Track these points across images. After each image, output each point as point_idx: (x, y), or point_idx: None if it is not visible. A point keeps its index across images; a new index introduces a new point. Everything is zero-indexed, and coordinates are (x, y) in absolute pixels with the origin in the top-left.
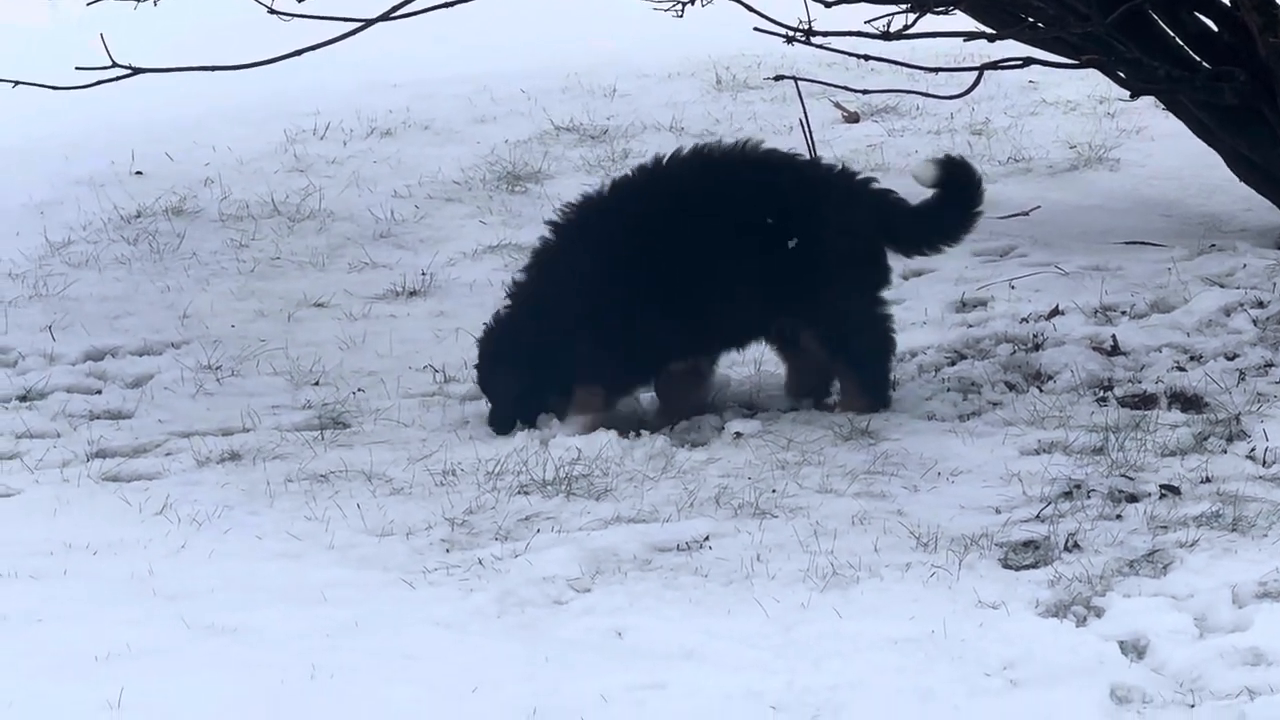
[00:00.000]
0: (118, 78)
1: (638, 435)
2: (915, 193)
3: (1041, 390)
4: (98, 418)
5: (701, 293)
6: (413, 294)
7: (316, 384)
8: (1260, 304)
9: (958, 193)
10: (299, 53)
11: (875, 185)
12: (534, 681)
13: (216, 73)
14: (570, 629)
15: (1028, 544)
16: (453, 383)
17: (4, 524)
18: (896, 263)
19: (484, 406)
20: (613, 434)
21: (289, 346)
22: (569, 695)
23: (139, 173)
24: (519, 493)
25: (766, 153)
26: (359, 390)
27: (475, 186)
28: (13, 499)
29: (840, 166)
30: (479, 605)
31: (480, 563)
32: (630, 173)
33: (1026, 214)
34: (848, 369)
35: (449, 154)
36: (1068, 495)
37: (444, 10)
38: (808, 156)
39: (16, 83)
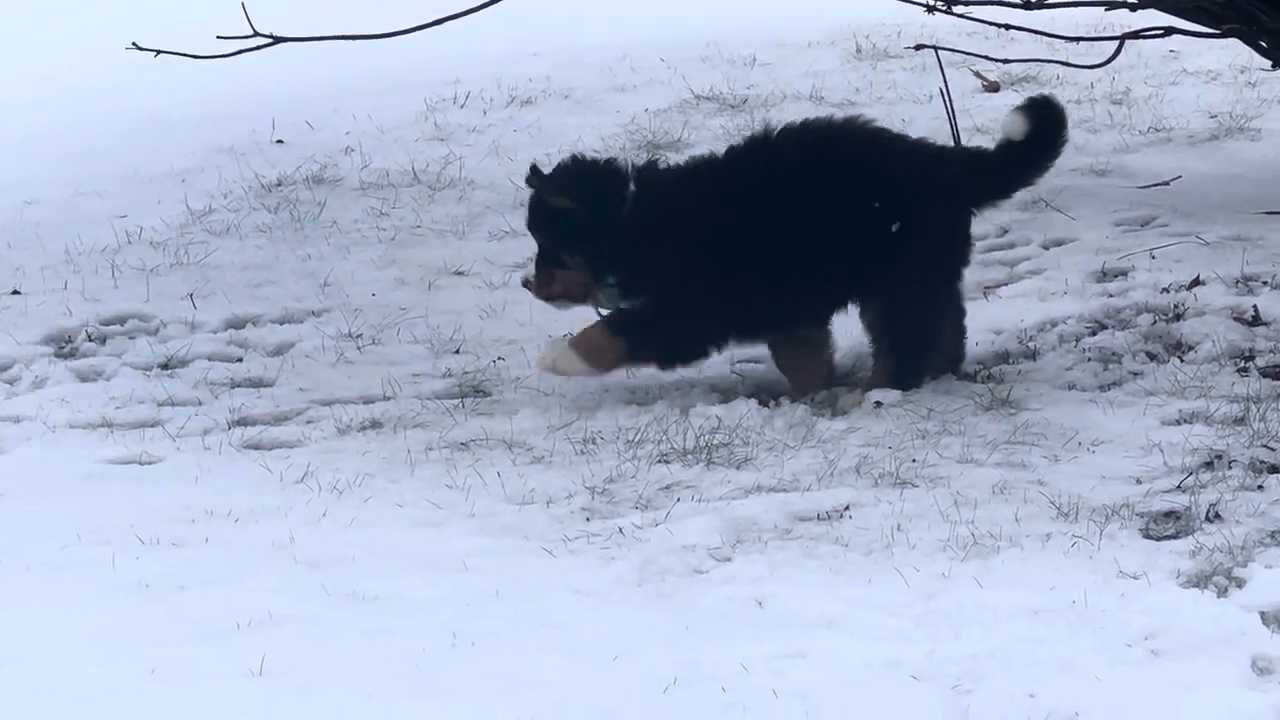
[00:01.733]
0: (259, 46)
1: (777, 404)
2: None
3: (1182, 360)
4: (239, 385)
5: (778, 265)
6: None
7: (457, 352)
8: None
9: (1045, 128)
10: (440, 21)
11: (962, 152)
12: (674, 650)
13: (357, 41)
14: (711, 598)
15: (1169, 514)
16: None
17: (146, 491)
18: (1035, 232)
19: (625, 377)
20: (753, 403)
21: (429, 315)
22: (709, 664)
23: (280, 141)
24: (659, 461)
25: (863, 128)
26: (499, 359)
27: (617, 155)
28: (155, 466)
29: (928, 143)
30: (620, 574)
31: (621, 531)
32: (741, 141)
33: (1167, 184)
34: (891, 351)
35: (589, 123)
36: (1209, 466)
37: None
38: (900, 132)
39: (159, 52)
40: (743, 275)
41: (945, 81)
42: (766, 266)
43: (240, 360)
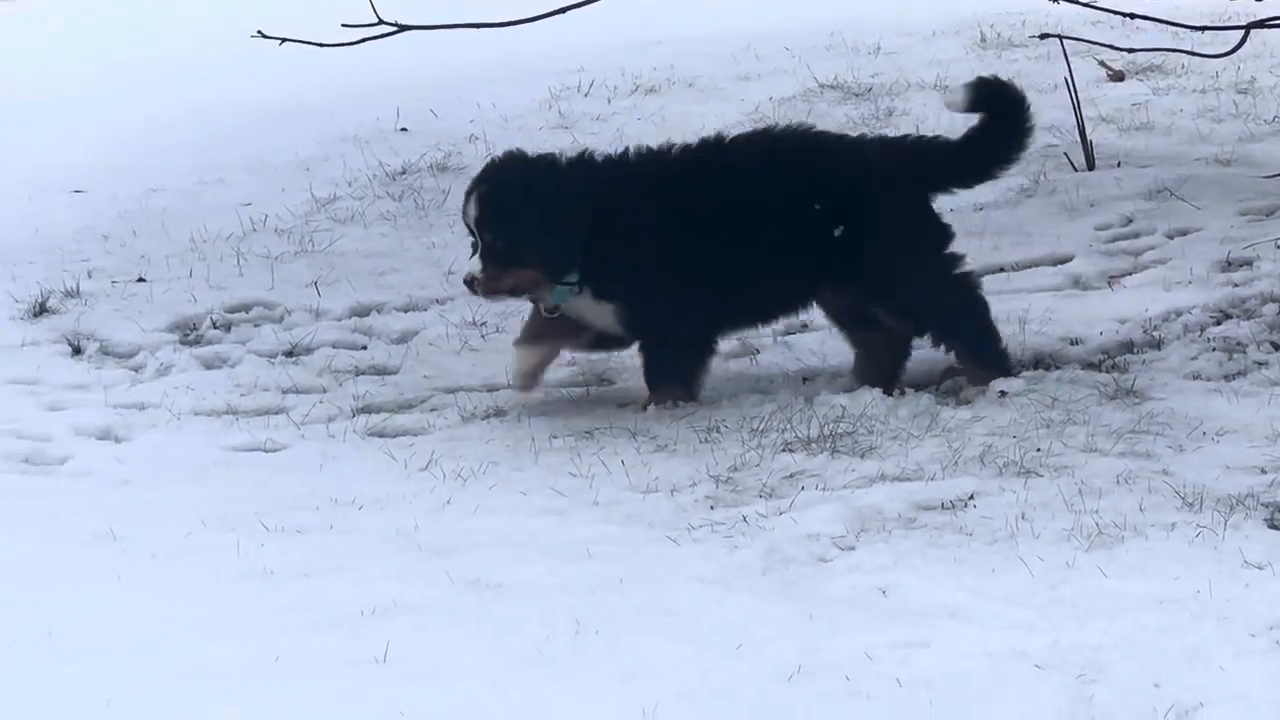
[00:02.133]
0: (384, 34)
1: (902, 393)
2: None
3: None
4: (363, 373)
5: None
6: None
7: None
8: None
9: (1000, 113)
10: (564, 10)
11: (913, 141)
12: (798, 639)
13: (482, 29)
14: (834, 586)
15: None
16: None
17: (271, 479)
18: (1160, 221)
19: (735, 366)
20: (877, 392)
21: None
22: (833, 652)
23: (404, 129)
24: (783, 450)
25: (808, 133)
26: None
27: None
28: (279, 454)
29: (876, 138)
30: (743, 562)
31: (745, 520)
32: (696, 142)
33: None
34: (950, 341)
35: (713, 111)
36: None
37: None
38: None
39: (284, 39)
40: (719, 262)
41: (1070, 71)
42: (736, 255)
43: (364, 348)
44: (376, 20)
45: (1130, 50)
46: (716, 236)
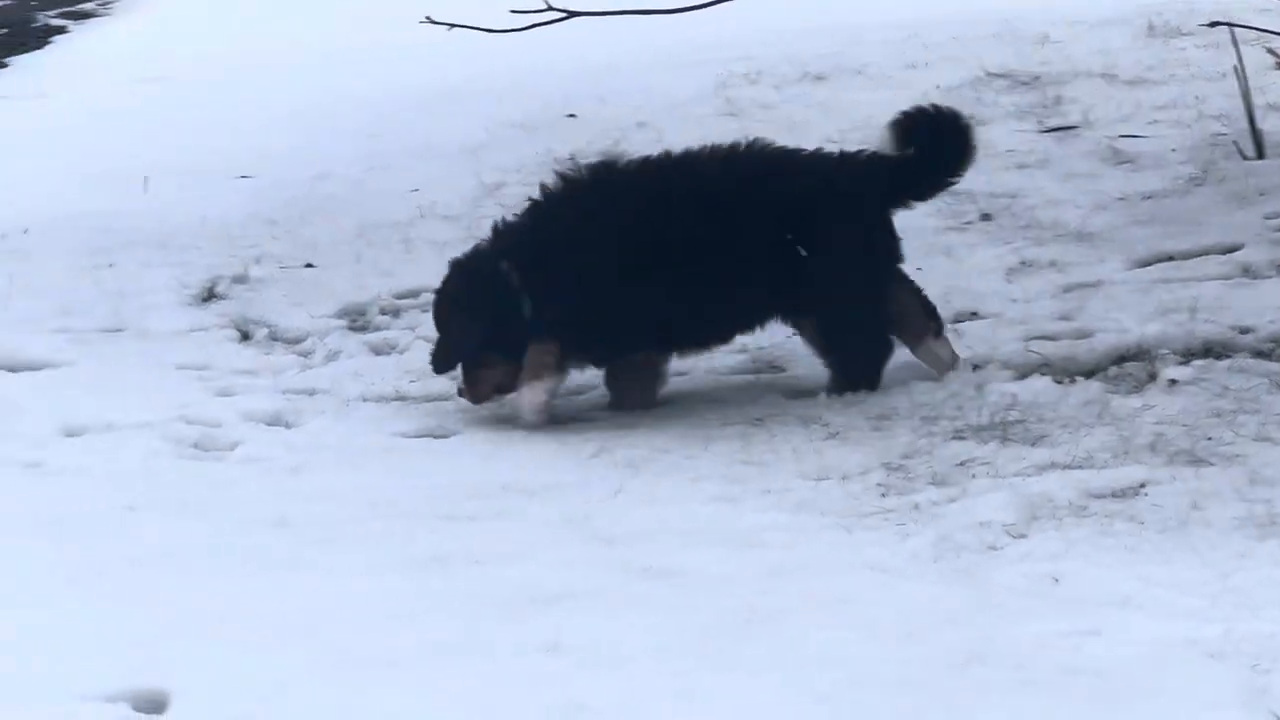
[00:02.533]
0: (552, 20)
1: (1072, 381)
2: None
3: None
4: None
5: (686, 284)
6: None
7: None
8: None
9: (939, 139)
10: None
11: (871, 158)
12: (970, 626)
13: (650, 16)
14: (1006, 574)
15: None
16: None
17: (440, 465)
18: None
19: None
20: (1047, 380)
21: None
22: (1005, 640)
23: (572, 115)
24: (954, 438)
25: (764, 149)
26: (793, 334)
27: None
28: (449, 440)
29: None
30: (915, 550)
31: (916, 507)
32: (636, 158)
33: None
34: (832, 355)
35: (880, 99)
36: None
37: None
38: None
39: (452, 25)
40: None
41: (1240, 59)
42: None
43: None
44: (545, 6)
45: None
46: (666, 255)
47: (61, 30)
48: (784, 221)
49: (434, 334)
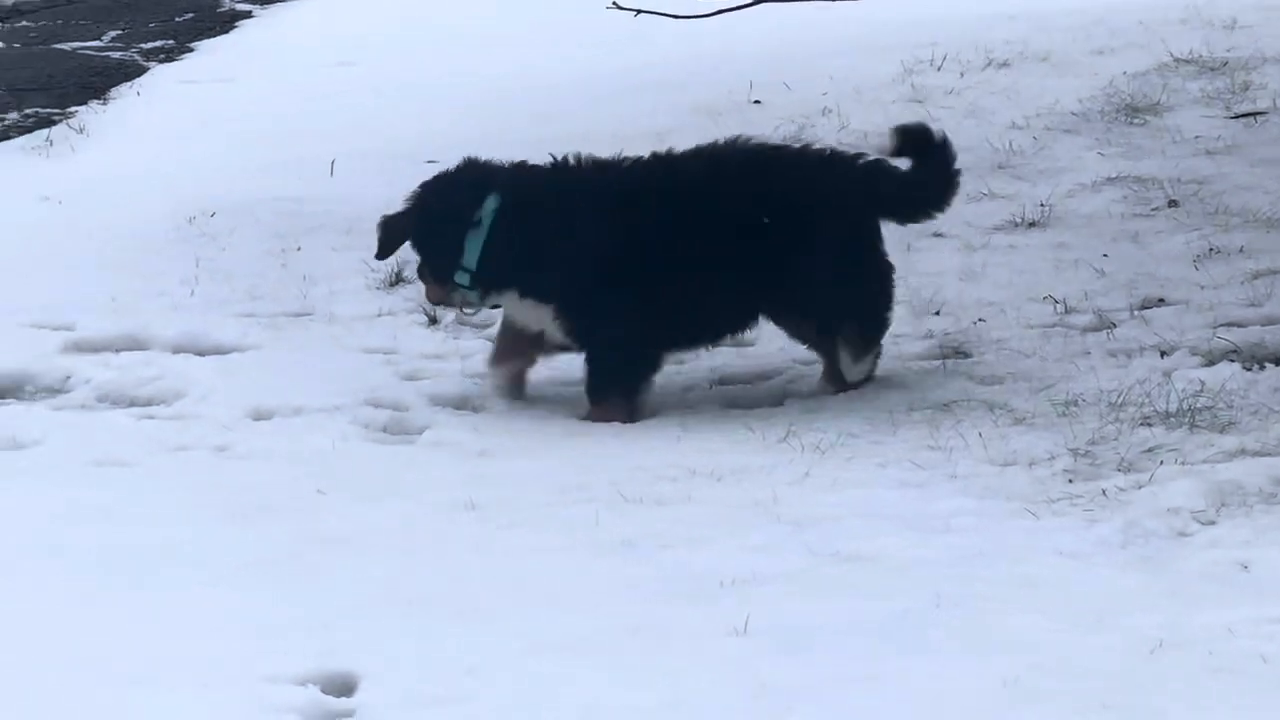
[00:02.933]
0: (739, 7)
1: (1261, 368)
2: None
3: None
4: (722, 345)
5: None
6: (1031, 225)
7: (937, 314)
8: None
9: (928, 159)
10: None
11: (865, 162)
12: (1159, 613)
13: (836, 2)
14: (1194, 561)
15: None
16: (1073, 314)
17: (628, 449)
18: None
19: (1091, 339)
20: (1236, 366)
21: (909, 276)
22: (1194, 628)
23: (757, 101)
24: (1141, 424)
25: (756, 147)
26: (979, 320)
27: (1093, 118)
28: (636, 425)
29: (828, 151)
30: (1103, 536)
31: (1104, 493)
32: (650, 155)
33: None
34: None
35: (1066, 86)
36: None
37: None
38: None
39: (638, 11)
40: (656, 274)
41: None
42: (673, 268)
43: None
44: None
45: None
46: (655, 248)
47: (247, 15)
48: (766, 220)
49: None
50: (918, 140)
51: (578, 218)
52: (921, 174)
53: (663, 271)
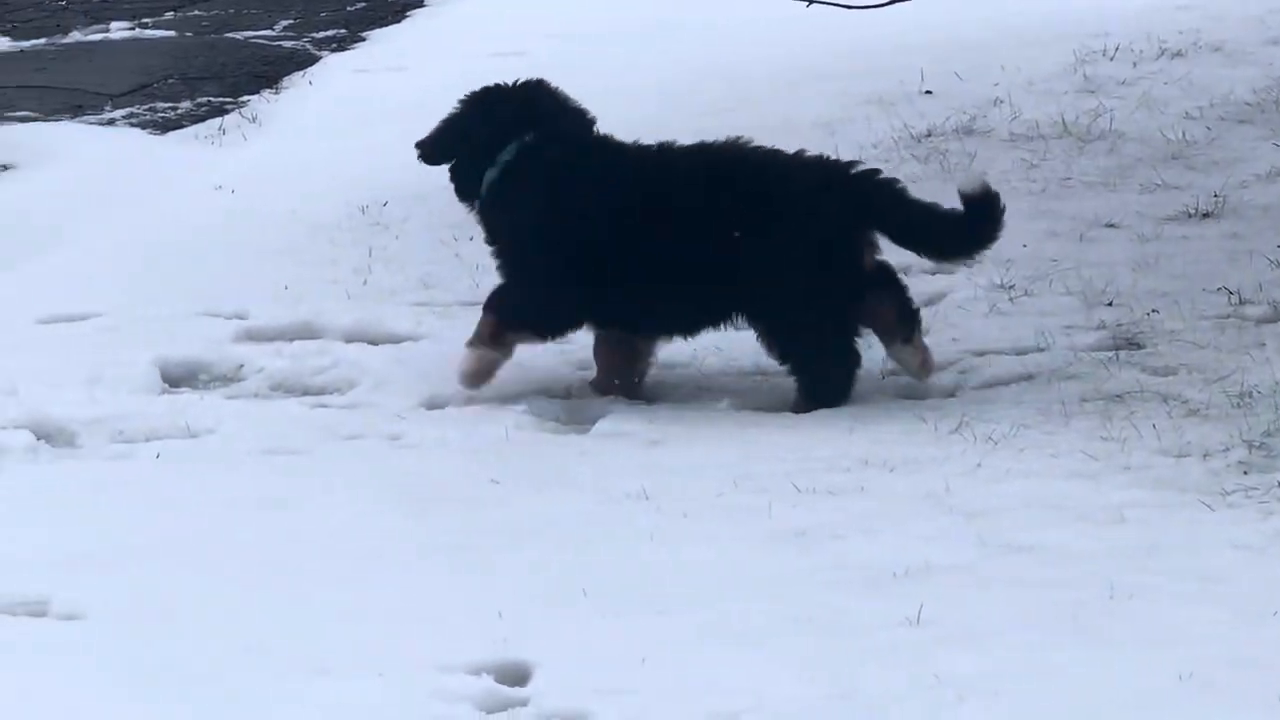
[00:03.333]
0: None
1: None
2: None
3: None
4: None
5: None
6: (1205, 216)
7: (1109, 304)
8: None
9: (975, 212)
10: None
11: (861, 174)
12: None
13: None
14: None
15: None
16: (1248, 305)
17: (800, 439)
18: None
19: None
20: None
21: (1080, 266)
22: None
23: (928, 92)
24: None
25: (742, 148)
26: (1153, 311)
27: (1269, 109)
28: (808, 415)
29: (820, 159)
30: (1278, 529)
31: (1279, 485)
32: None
33: None
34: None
35: (1241, 75)
36: None
37: None
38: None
39: (811, 1)
40: (593, 260)
41: None
42: (622, 258)
43: None
44: None
45: None
46: (618, 236)
47: (419, 3)
48: (737, 220)
49: None
50: (974, 196)
51: (561, 191)
52: (958, 216)
53: (615, 255)
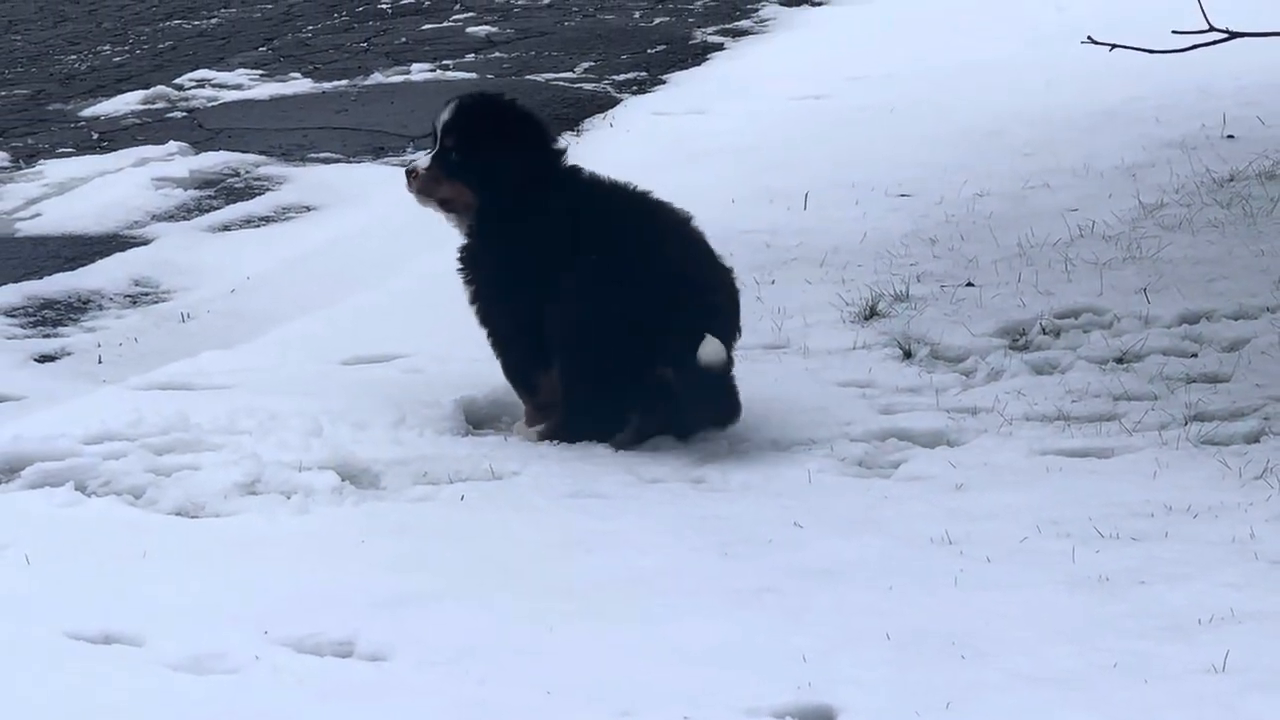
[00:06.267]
0: (1214, 41)
1: None
2: None
3: None
4: (1194, 381)
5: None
6: None
7: None
8: None
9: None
10: None
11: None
12: None
13: None
14: None
15: None
16: None
17: (1103, 485)
18: None
19: None
20: None
21: None
22: None
23: (1230, 136)
24: None
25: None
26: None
27: None
28: (1110, 460)
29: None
30: None
31: None
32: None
33: None
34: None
35: None
36: None
37: None
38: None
39: (1113, 46)
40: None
41: None
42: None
43: (1195, 355)
44: (1208, 27)
45: None
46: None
47: (719, 47)
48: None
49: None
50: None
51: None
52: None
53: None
